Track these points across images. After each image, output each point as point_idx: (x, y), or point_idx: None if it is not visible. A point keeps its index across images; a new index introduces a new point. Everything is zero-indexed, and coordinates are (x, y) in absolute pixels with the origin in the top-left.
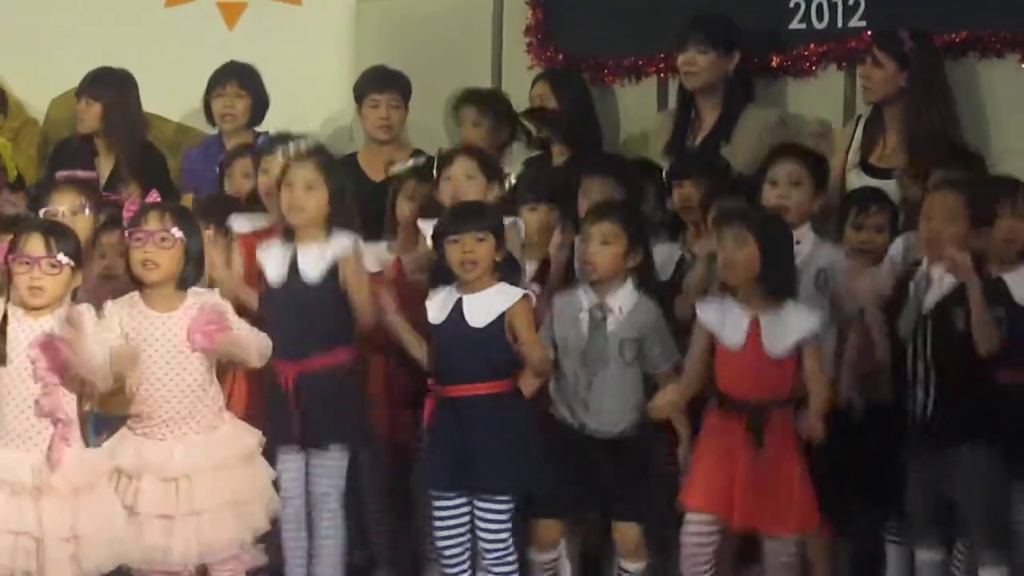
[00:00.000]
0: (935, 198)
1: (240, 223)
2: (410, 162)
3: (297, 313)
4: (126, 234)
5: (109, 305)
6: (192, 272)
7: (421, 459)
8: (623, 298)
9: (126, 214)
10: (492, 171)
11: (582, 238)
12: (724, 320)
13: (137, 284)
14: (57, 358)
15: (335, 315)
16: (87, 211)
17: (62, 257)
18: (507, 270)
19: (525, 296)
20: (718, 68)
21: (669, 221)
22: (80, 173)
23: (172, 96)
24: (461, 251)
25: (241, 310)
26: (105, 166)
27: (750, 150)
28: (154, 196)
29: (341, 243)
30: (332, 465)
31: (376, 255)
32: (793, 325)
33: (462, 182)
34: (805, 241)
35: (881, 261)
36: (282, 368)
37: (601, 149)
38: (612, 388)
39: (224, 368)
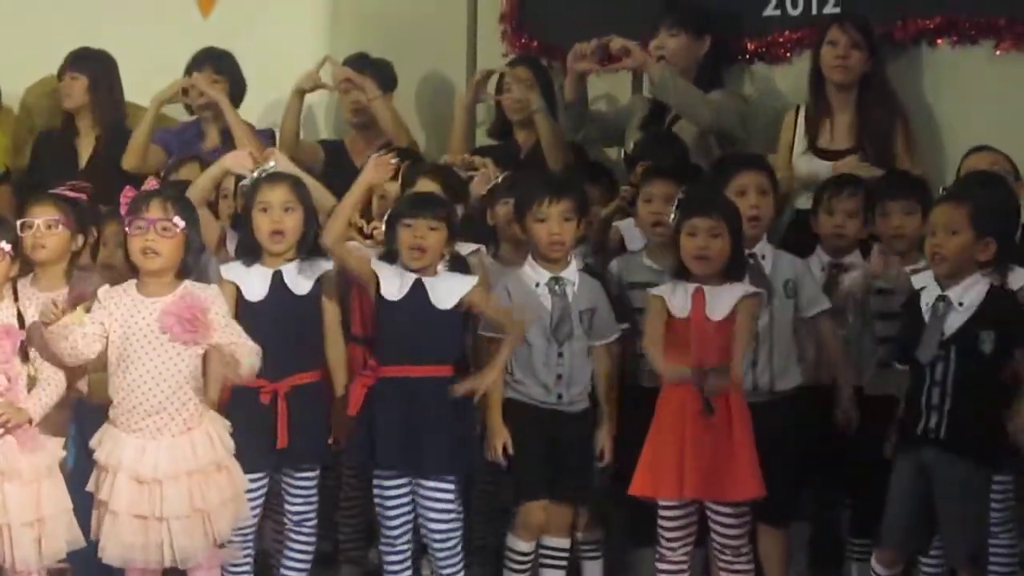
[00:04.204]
0: (937, 211)
1: None
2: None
3: (284, 328)
4: (126, 222)
5: (103, 290)
6: (192, 261)
7: (354, 439)
8: (573, 272)
9: (123, 200)
10: (456, 192)
11: (536, 217)
12: (674, 292)
13: (134, 272)
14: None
15: (320, 330)
16: (61, 227)
17: (4, 245)
18: (456, 268)
19: (478, 287)
20: (690, 51)
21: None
22: (70, 192)
23: (147, 86)
24: (413, 236)
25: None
26: (85, 148)
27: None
28: (153, 183)
29: (325, 261)
30: (310, 485)
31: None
32: (732, 291)
33: None
34: (768, 254)
35: (851, 248)
36: (267, 385)
37: None
38: (580, 358)
39: None
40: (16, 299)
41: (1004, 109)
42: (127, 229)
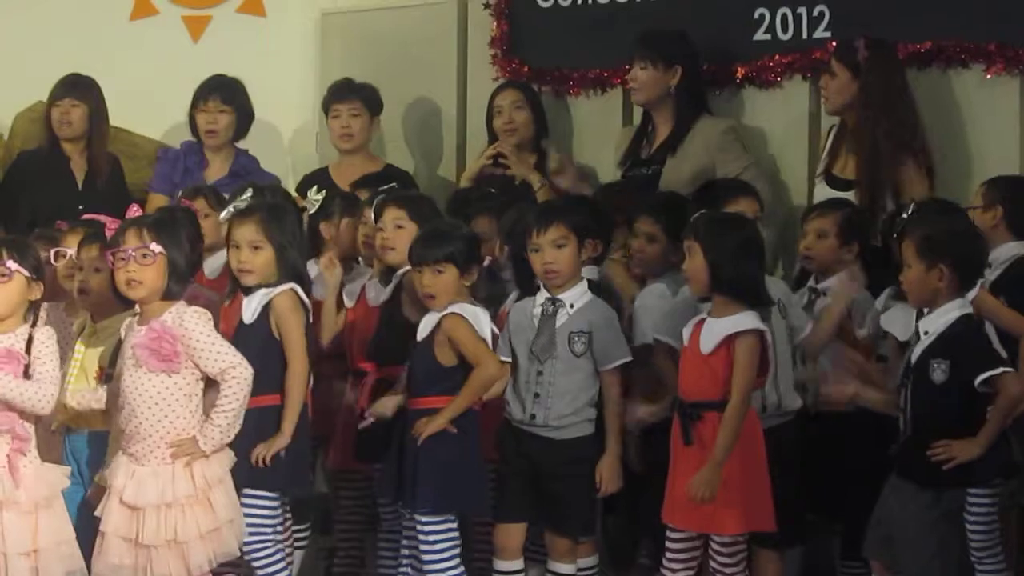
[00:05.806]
0: (903, 244)
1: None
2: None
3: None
4: (108, 254)
5: (125, 325)
6: (177, 284)
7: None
8: (576, 295)
9: (108, 232)
10: (423, 218)
11: (531, 249)
12: (690, 322)
13: (117, 298)
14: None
15: (264, 356)
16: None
17: (11, 264)
18: (488, 285)
19: (451, 314)
20: (658, 83)
21: None
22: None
23: (138, 109)
24: (421, 283)
25: None
26: (79, 172)
27: (697, 159)
28: (134, 211)
29: (278, 287)
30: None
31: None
32: (724, 325)
33: (391, 231)
34: None
35: (824, 268)
36: None
37: None
38: (561, 380)
39: None
40: (34, 324)
41: (995, 132)
42: (110, 263)
